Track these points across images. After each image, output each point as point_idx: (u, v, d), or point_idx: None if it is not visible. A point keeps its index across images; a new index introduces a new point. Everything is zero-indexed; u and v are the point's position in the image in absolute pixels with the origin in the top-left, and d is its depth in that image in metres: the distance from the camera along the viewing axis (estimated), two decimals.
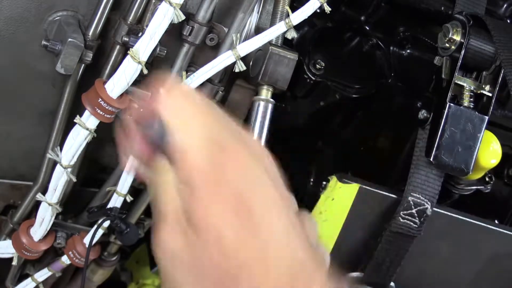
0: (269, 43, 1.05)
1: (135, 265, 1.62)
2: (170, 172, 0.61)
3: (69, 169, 1.05)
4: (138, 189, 1.17)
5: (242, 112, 1.16)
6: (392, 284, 1.15)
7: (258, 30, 1.07)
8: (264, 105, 1.07)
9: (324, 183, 1.09)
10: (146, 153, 0.62)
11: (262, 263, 0.57)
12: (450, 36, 1.04)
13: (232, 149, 0.60)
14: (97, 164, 1.20)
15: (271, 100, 1.07)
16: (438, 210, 1.11)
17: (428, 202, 1.07)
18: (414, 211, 1.07)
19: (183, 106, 0.61)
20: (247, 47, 1.02)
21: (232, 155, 0.60)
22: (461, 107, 1.05)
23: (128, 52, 0.97)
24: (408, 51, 1.23)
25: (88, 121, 1.01)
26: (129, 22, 1.00)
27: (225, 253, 0.57)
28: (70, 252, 1.17)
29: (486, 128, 1.06)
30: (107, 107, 0.98)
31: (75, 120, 1.01)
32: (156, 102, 0.61)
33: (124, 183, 1.09)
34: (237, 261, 0.57)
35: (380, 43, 1.21)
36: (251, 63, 1.08)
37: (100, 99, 0.98)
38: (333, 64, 1.13)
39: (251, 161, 0.61)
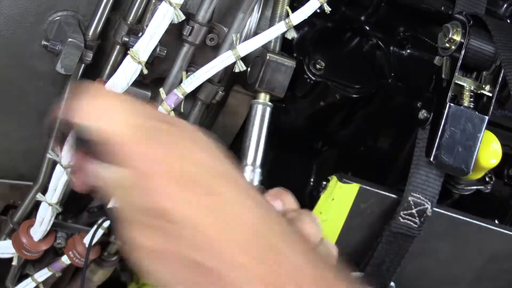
0: (267, 50, 1.05)
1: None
2: (108, 171, 0.60)
3: (69, 169, 1.05)
4: None
5: (240, 117, 1.16)
6: (392, 284, 1.15)
7: (257, 35, 1.07)
8: (262, 108, 1.07)
9: (324, 183, 1.09)
10: (79, 161, 0.62)
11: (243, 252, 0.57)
12: (450, 36, 1.04)
13: (165, 129, 0.60)
14: None
15: (269, 103, 1.07)
16: (438, 210, 1.11)
17: (428, 202, 1.07)
18: (414, 211, 1.07)
19: (94, 104, 0.60)
20: (247, 47, 1.02)
21: (166, 134, 0.60)
22: (461, 107, 1.05)
23: (128, 52, 0.97)
24: (408, 51, 1.23)
25: None
26: (129, 22, 1.00)
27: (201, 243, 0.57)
28: (70, 252, 1.17)
29: (486, 128, 1.06)
30: None
31: None
32: (71, 110, 0.60)
33: None
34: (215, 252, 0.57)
35: (380, 43, 1.20)
36: (248, 70, 1.08)
37: None
38: (333, 64, 1.13)
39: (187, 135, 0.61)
